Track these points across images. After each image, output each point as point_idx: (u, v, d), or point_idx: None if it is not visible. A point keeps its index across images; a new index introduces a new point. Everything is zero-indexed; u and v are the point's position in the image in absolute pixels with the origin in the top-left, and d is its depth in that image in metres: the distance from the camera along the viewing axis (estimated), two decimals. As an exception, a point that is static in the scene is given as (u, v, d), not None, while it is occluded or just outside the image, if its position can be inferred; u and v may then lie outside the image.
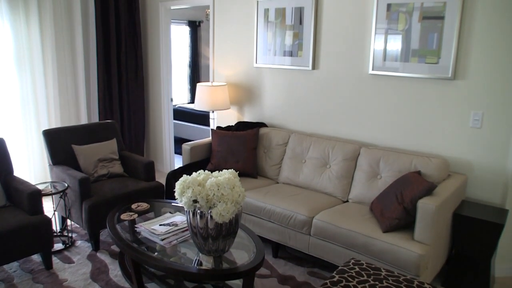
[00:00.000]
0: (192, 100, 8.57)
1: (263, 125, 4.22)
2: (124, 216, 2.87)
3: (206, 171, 2.36)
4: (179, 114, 7.24)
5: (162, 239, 2.51)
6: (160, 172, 5.36)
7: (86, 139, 3.83)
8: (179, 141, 6.00)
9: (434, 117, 3.23)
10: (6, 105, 4.31)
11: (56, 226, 3.72)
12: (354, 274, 2.17)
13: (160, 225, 2.65)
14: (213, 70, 4.73)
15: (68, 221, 3.72)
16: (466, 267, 2.89)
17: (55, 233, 3.63)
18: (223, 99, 4.35)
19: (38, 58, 4.42)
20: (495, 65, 2.91)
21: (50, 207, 3.97)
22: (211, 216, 2.17)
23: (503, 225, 2.72)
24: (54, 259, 3.24)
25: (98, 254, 3.35)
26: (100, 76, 4.91)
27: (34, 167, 4.56)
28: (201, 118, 6.83)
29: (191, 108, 7.15)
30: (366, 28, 3.46)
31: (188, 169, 3.69)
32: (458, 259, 2.92)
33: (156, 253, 2.43)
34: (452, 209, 2.90)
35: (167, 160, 5.49)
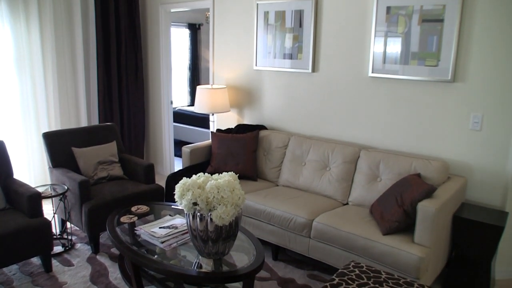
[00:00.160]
0: (192, 103, 8.57)
1: (263, 128, 4.22)
2: (124, 219, 2.86)
3: (206, 174, 2.36)
4: (179, 117, 7.23)
5: (162, 242, 2.51)
6: (160, 175, 5.36)
7: (86, 142, 3.82)
8: (179, 144, 5.99)
9: (434, 120, 3.23)
10: (6, 108, 4.32)
11: (56, 229, 3.72)
12: (354, 277, 2.17)
13: (160, 228, 2.65)
14: (213, 73, 4.73)
15: (68, 224, 3.72)
16: (466, 270, 2.89)
17: (55, 236, 3.63)
18: (223, 102, 4.35)
19: (38, 61, 4.42)
20: (495, 68, 2.91)
21: (50, 210, 3.96)
22: (211, 219, 2.17)
23: (503, 228, 2.72)
24: (54, 262, 3.24)
25: (98, 257, 3.35)
26: (100, 79, 4.91)
27: (34, 170, 4.55)
28: (201, 121, 6.82)
29: (191, 111, 7.15)
30: (366, 31, 3.47)
31: (188, 172, 3.69)
32: (458, 262, 2.92)
33: (156, 256, 2.43)
34: (452, 212, 2.90)
35: (167, 163, 5.49)
